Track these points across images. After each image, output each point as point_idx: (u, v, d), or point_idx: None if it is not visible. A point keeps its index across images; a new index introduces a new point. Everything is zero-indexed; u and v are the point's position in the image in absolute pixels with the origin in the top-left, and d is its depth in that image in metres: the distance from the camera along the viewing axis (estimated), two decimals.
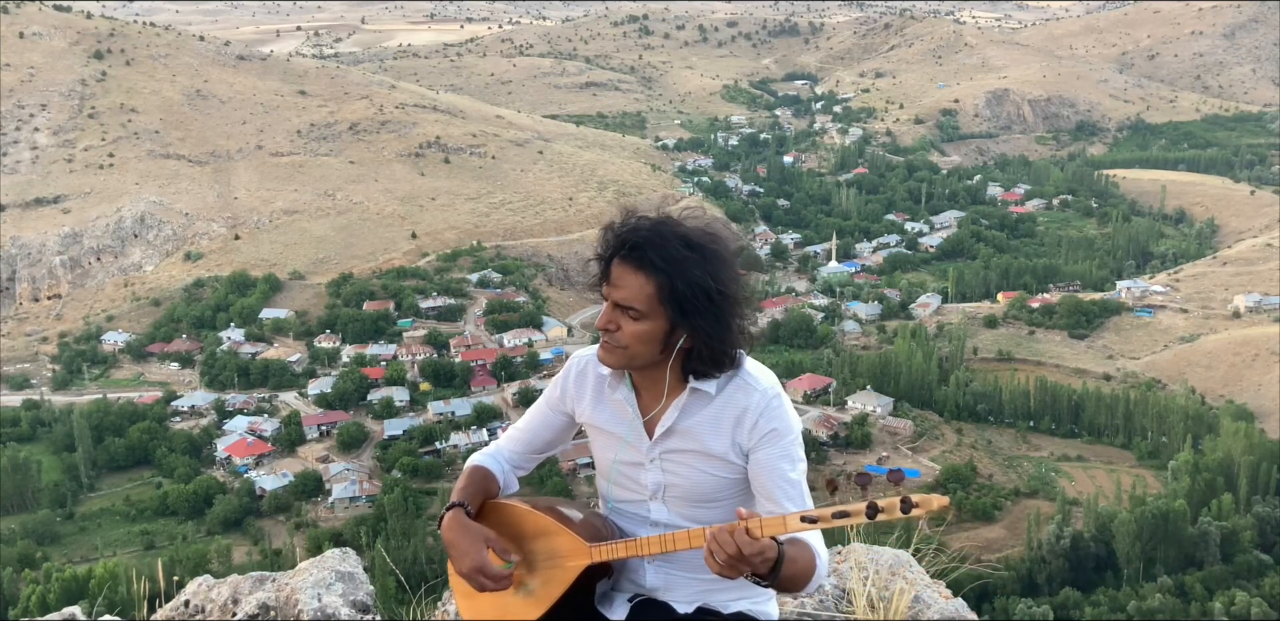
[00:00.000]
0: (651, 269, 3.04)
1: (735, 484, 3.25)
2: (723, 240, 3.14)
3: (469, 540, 3.15)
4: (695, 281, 3.03)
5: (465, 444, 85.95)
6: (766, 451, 3.16)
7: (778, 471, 3.15)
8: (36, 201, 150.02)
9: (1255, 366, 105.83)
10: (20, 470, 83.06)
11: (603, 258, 3.16)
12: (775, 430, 3.15)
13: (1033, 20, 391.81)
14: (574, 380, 3.49)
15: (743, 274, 3.15)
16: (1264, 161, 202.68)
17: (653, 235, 3.07)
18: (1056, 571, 68.90)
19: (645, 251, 3.05)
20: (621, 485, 3.40)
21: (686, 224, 3.13)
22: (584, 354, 3.50)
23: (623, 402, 3.34)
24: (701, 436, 3.21)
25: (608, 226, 3.17)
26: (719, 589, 3.33)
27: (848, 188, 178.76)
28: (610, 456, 3.41)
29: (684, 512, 3.29)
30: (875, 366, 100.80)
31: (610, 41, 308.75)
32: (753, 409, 3.16)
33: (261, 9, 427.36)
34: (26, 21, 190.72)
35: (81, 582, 52.66)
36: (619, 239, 3.12)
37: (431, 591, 5.10)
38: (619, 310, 3.12)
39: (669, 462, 3.27)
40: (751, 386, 3.19)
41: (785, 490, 3.14)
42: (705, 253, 3.07)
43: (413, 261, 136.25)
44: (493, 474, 3.51)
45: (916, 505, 2.66)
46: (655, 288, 3.04)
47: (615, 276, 3.11)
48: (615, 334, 3.14)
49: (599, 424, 3.42)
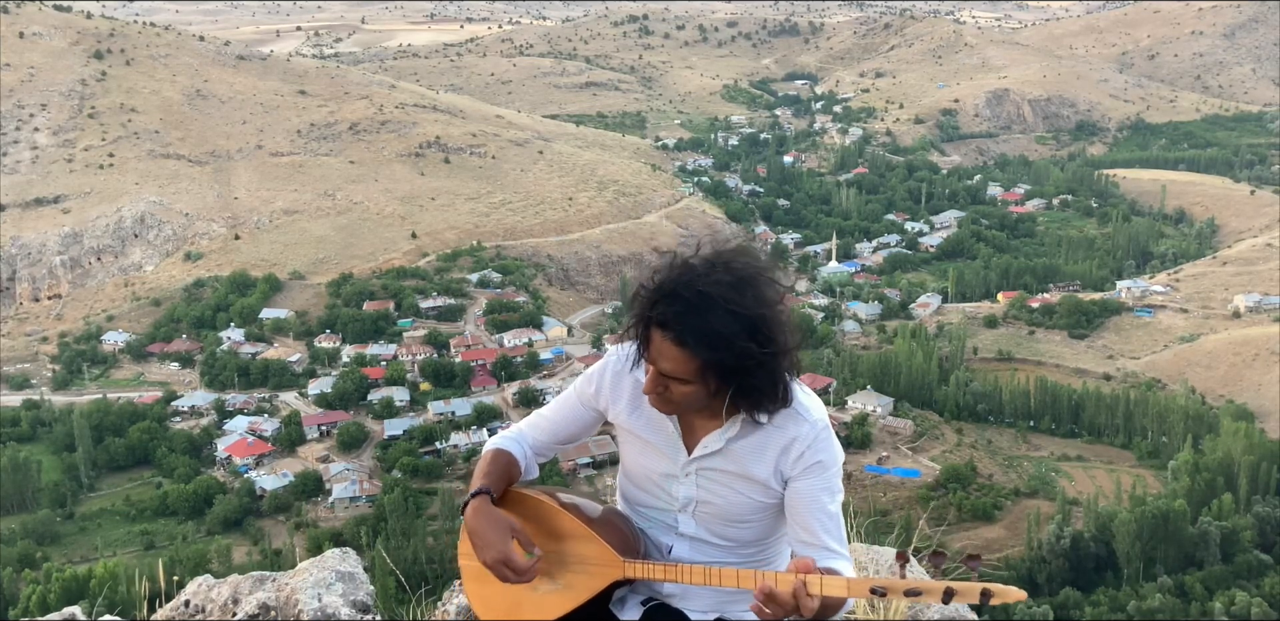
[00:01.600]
0: (694, 347, 2.88)
1: (769, 508, 3.23)
2: (767, 293, 2.95)
3: (495, 530, 3.09)
4: (740, 354, 2.89)
5: (465, 444, 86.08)
6: (809, 482, 3.13)
7: (818, 503, 3.13)
8: (36, 201, 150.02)
9: (1255, 366, 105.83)
10: (20, 470, 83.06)
11: (639, 322, 3.00)
12: (821, 462, 3.13)
13: (1033, 20, 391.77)
14: (610, 380, 3.40)
15: (790, 315, 3.02)
16: (1264, 161, 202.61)
17: (689, 309, 2.87)
18: (1056, 571, 68.95)
19: (684, 330, 2.87)
20: (650, 492, 3.36)
21: (730, 281, 2.91)
22: (624, 351, 3.33)
23: (664, 418, 3.26)
24: (744, 461, 3.17)
25: (640, 288, 3.00)
26: (736, 600, 3.30)
27: (848, 187, 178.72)
28: (643, 463, 3.36)
29: (713, 529, 3.26)
30: (875, 366, 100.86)
31: (610, 41, 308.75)
32: (801, 439, 3.13)
33: (261, 9, 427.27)
34: (26, 21, 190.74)
35: (82, 582, 52.60)
36: (655, 308, 2.94)
37: (431, 591, 5.10)
38: (664, 376, 3.01)
39: (705, 479, 3.23)
40: (802, 417, 3.15)
41: (823, 522, 3.12)
42: (751, 318, 2.89)
43: (413, 261, 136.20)
44: (516, 460, 3.44)
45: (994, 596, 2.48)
46: (701, 364, 2.92)
47: (656, 346, 2.96)
48: (665, 394, 3.05)
49: (634, 430, 3.36)
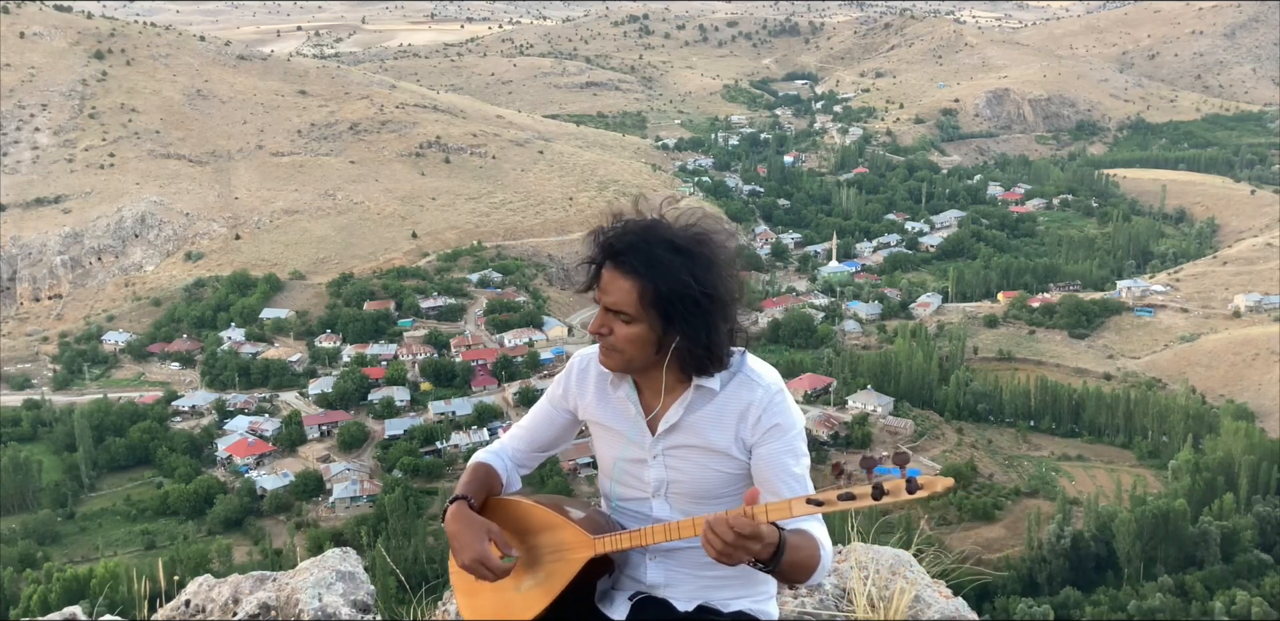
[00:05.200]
0: (635, 274, 3.07)
1: (738, 479, 3.27)
2: (712, 243, 3.15)
3: (471, 533, 3.17)
4: (678, 286, 3.06)
5: (466, 444, 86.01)
6: (770, 446, 3.18)
7: (781, 466, 3.17)
8: (37, 201, 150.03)
9: (1255, 366, 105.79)
10: (21, 470, 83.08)
11: (593, 262, 3.18)
12: (778, 425, 3.18)
13: (1033, 20, 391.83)
14: (576, 378, 3.52)
15: (735, 274, 3.16)
16: (1264, 161, 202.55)
17: (638, 240, 3.10)
18: (1057, 571, 68.91)
19: (629, 256, 3.08)
20: (624, 482, 3.41)
21: (676, 226, 3.15)
22: (586, 352, 3.51)
23: (625, 400, 3.36)
24: (704, 431, 3.23)
25: (596, 230, 3.19)
26: (720, 586, 3.34)
27: (848, 187, 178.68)
28: (613, 453, 3.42)
29: (686, 509, 3.30)
30: (876, 366, 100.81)
31: (610, 41, 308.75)
32: (756, 404, 3.18)
33: (262, 9, 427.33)
34: (27, 21, 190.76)
35: (82, 582, 52.69)
36: (606, 243, 3.14)
37: (432, 591, 5.10)
38: (610, 314, 3.16)
39: (672, 458, 3.29)
40: (755, 382, 3.22)
41: (789, 484, 3.16)
42: (691, 256, 3.08)
43: (413, 261, 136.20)
44: (496, 471, 3.53)
45: (922, 486, 2.65)
46: (639, 292, 3.08)
47: (604, 281, 3.15)
48: (609, 338, 3.18)
49: (602, 421, 3.44)
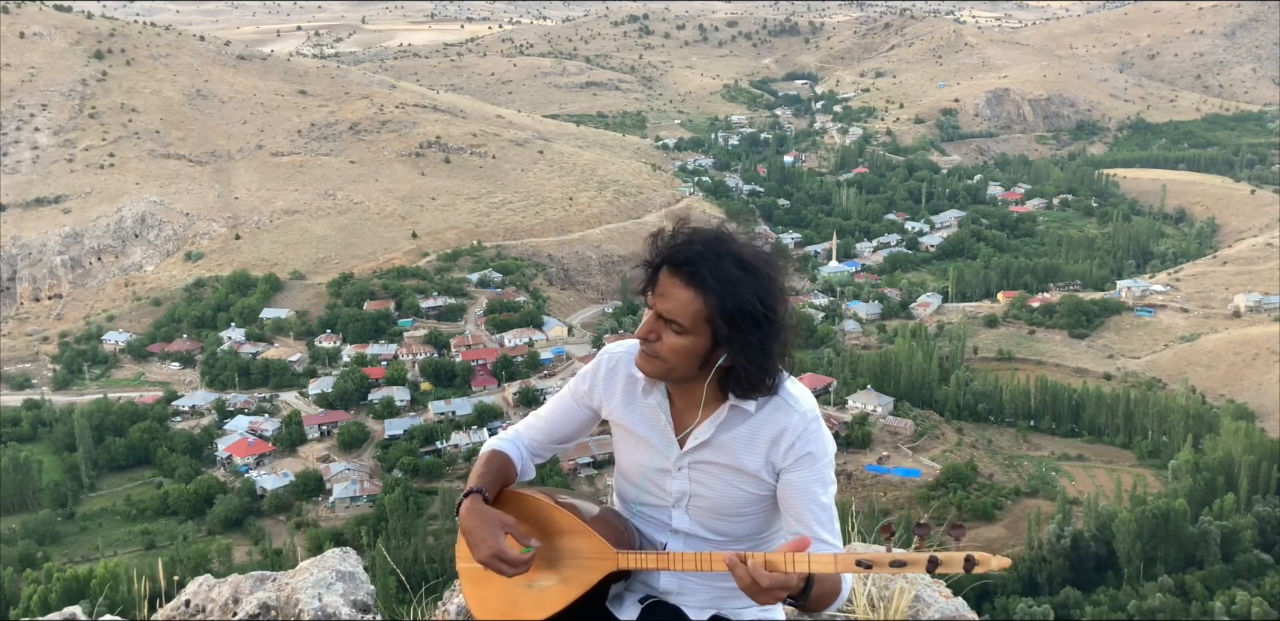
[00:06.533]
0: (702, 286, 2.94)
1: (762, 500, 3.23)
2: (774, 263, 3.05)
3: (487, 527, 3.10)
4: (744, 304, 2.95)
5: (466, 443, 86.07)
6: (800, 473, 3.13)
7: (810, 495, 3.13)
8: (37, 201, 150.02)
9: (1255, 366, 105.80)
10: (21, 470, 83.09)
11: (650, 265, 3.04)
12: (811, 453, 3.13)
13: (1033, 20, 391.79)
14: (604, 377, 3.43)
15: (789, 299, 3.09)
16: (1264, 161, 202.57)
17: (708, 251, 2.97)
18: (1057, 571, 68.92)
19: (699, 267, 2.95)
20: (645, 489, 3.37)
21: (742, 243, 3.03)
22: (616, 350, 3.42)
23: (655, 408, 3.29)
24: (735, 452, 3.17)
25: (657, 233, 3.08)
26: (732, 595, 3.29)
27: (848, 187, 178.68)
28: (636, 459, 3.37)
29: (706, 523, 3.26)
30: (876, 366, 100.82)
31: (610, 41, 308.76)
32: (791, 430, 3.13)
33: (262, 9, 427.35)
34: (27, 21, 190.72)
35: (82, 582, 52.67)
36: (672, 249, 3.01)
37: (432, 591, 5.10)
38: (661, 321, 3.04)
39: (697, 473, 3.24)
40: (791, 407, 3.15)
41: (816, 513, 3.13)
42: (759, 275, 2.98)
43: (413, 261, 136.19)
44: (511, 461, 3.47)
45: (979, 564, 2.54)
46: (703, 305, 2.96)
47: (662, 287, 3.01)
48: (655, 344, 3.07)
49: (628, 425, 3.37)
